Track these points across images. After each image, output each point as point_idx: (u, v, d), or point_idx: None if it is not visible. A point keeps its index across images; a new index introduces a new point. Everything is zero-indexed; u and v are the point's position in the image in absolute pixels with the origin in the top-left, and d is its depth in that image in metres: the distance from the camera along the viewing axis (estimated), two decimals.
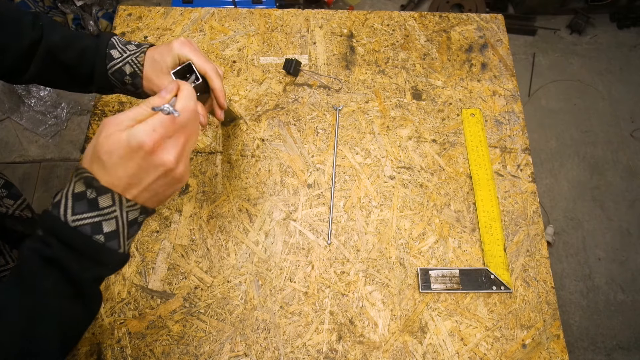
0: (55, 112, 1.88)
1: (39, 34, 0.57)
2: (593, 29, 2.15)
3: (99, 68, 0.58)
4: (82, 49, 0.58)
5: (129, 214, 0.40)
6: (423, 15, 0.95)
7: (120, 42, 0.59)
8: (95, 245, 0.38)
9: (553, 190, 1.84)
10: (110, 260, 0.40)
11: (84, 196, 0.38)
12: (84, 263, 0.38)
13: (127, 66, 0.57)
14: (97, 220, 0.38)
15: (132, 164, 0.37)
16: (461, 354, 0.69)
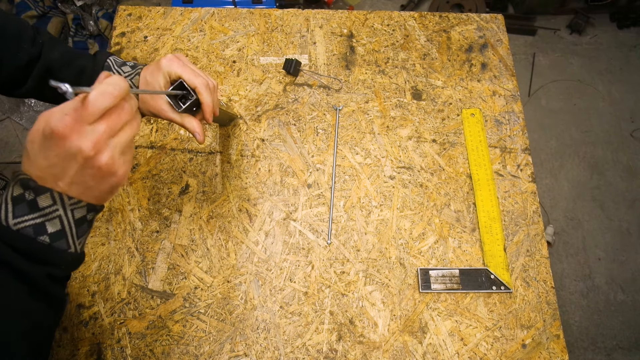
0: None
1: (38, 51, 0.58)
2: (593, 29, 2.15)
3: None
4: (79, 69, 0.60)
5: (75, 212, 0.39)
6: (423, 15, 0.95)
7: (116, 64, 0.61)
8: (41, 246, 0.38)
9: (553, 190, 1.84)
10: (60, 260, 0.39)
11: (23, 198, 0.37)
12: (34, 264, 0.38)
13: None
14: (40, 222, 0.37)
15: (50, 152, 0.36)
16: (461, 354, 0.69)
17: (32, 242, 0.37)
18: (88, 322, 0.70)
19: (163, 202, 0.78)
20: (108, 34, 1.93)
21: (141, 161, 0.81)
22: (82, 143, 0.36)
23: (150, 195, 0.79)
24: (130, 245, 0.75)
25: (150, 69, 0.58)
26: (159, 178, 0.80)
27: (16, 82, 0.59)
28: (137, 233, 0.76)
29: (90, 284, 0.73)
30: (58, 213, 0.38)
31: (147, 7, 0.95)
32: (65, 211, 0.38)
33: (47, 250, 0.38)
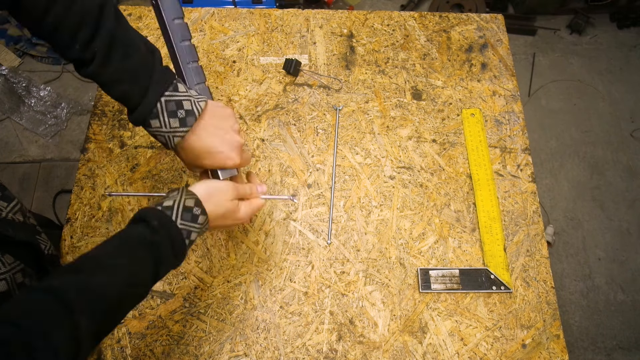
0: (55, 112, 1.88)
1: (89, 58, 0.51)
2: (593, 29, 2.15)
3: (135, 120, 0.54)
4: (124, 95, 0.53)
5: (201, 234, 0.55)
6: (423, 15, 0.95)
7: (165, 110, 0.53)
8: (184, 244, 0.51)
9: (553, 190, 1.84)
10: (182, 259, 0.52)
11: (191, 210, 0.52)
12: (172, 254, 0.50)
13: (161, 137, 0.55)
14: (191, 230, 0.52)
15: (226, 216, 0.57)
16: (461, 354, 0.69)
17: (182, 241, 0.51)
18: None
19: None
20: None
21: (141, 161, 0.81)
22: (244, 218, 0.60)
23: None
24: None
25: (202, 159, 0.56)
26: (159, 178, 0.80)
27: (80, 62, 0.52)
28: None
29: None
30: (200, 231, 0.53)
31: (147, 7, 0.95)
32: (201, 232, 0.54)
33: (185, 250, 0.52)
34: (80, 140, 1.88)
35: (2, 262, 0.54)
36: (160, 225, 0.49)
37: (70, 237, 0.76)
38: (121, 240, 0.48)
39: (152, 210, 0.50)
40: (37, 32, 0.51)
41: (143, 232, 0.49)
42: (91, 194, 0.79)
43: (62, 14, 0.48)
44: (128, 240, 0.48)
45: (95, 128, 0.84)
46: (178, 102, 0.53)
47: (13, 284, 0.55)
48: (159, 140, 0.55)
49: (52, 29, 0.49)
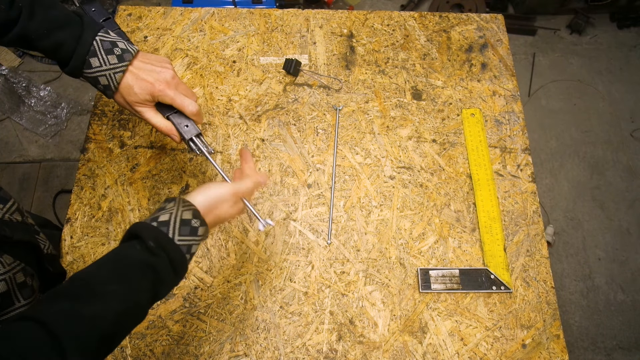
0: (55, 112, 1.88)
1: (15, 15, 0.53)
2: (593, 29, 2.15)
3: (73, 66, 0.56)
4: (58, 43, 0.55)
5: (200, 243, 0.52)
6: (423, 15, 0.95)
7: (102, 48, 0.56)
8: (185, 261, 0.49)
9: (553, 190, 1.84)
10: (183, 274, 0.50)
11: (189, 223, 0.49)
12: (172, 274, 0.48)
13: (103, 78, 0.57)
14: (191, 243, 0.50)
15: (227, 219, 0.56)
16: (461, 354, 0.69)
17: (182, 257, 0.48)
18: None
19: None
20: None
21: (141, 161, 0.81)
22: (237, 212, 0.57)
23: (150, 195, 0.79)
24: None
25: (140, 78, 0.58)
26: (159, 178, 0.80)
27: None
28: None
29: None
30: (200, 241, 0.51)
31: (147, 7, 0.95)
32: (202, 241, 0.52)
33: (185, 265, 0.49)
34: (80, 140, 1.88)
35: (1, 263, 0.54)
36: (157, 245, 0.46)
37: (70, 237, 0.76)
38: (116, 263, 0.46)
39: (148, 228, 0.47)
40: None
41: (139, 253, 0.46)
42: (91, 194, 0.79)
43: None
44: (123, 263, 0.46)
45: (95, 128, 0.84)
46: (112, 42, 0.57)
47: (13, 284, 0.55)
48: (100, 86, 0.57)
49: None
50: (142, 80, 0.58)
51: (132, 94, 0.58)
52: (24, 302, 0.55)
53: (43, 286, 0.62)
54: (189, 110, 0.60)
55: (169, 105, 0.60)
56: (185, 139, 0.61)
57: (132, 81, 0.58)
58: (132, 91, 0.58)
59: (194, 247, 0.50)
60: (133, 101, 0.59)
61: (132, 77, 0.58)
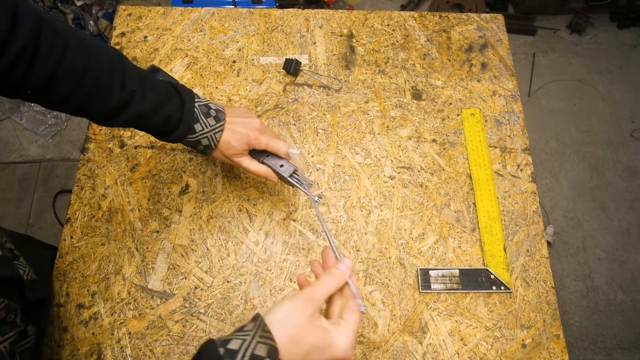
0: (55, 112, 1.88)
1: (128, 98, 0.54)
2: (593, 29, 2.15)
3: (178, 136, 0.60)
4: (166, 117, 0.58)
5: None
6: (423, 15, 0.95)
7: (202, 114, 0.61)
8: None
9: (553, 190, 1.84)
10: None
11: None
12: None
13: (205, 139, 0.62)
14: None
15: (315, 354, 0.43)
16: (461, 354, 0.69)
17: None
18: (88, 322, 0.70)
19: (163, 202, 0.78)
20: (108, 34, 1.93)
21: (141, 161, 0.81)
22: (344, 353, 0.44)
23: (150, 195, 0.79)
24: (130, 245, 0.75)
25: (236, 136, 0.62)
26: (159, 178, 0.80)
27: (103, 120, 0.56)
28: (137, 233, 0.76)
29: (90, 284, 0.73)
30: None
31: (147, 7, 0.95)
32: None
33: None
34: (80, 140, 1.88)
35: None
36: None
37: (70, 237, 0.76)
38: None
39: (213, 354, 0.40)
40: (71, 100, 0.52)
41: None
42: (91, 194, 0.79)
43: (98, 67, 0.51)
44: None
45: (95, 128, 0.84)
46: (206, 105, 0.62)
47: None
48: (201, 147, 0.62)
49: (92, 85, 0.51)
50: (238, 133, 0.62)
51: (231, 147, 0.63)
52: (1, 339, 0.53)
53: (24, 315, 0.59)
54: (283, 151, 0.65)
55: (262, 150, 0.65)
56: (285, 177, 0.65)
57: (229, 137, 0.62)
58: (230, 145, 0.62)
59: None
60: (232, 154, 0.63)
61: (228, 133, 0.62)
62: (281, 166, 0.66)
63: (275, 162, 0.66)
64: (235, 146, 0.63)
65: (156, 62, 0.89)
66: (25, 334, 0.57)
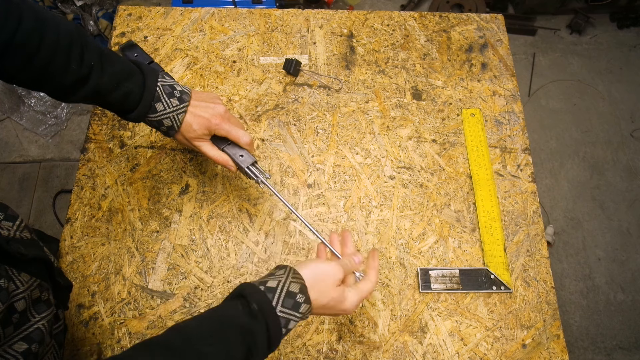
0: (55, 112, 1.88)
1: (87, 73, 0.55)
2: (593, 29, 2.15)
3: (139, 116, 0.60)
4: (126, 93, 0.58)
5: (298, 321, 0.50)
6: (423, 15, 0.95)
7: (164, 93, 0.60)
8: (280, 334, 0.48)
9: (553, 190, 1.84)
10: (275, 347, 0.49)
11: (294, 297, 0.48)
12: (267, 343, 0.47)
13: (167, 120, 0.61)
14: (290, 318, 0.48)
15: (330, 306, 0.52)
16: (461, 354, 0.69)
17: (279, 329, 0.48)
18: (88, 322, 0.70)
19: (163, 202, 0.78)
20: (108, 34, 1.93)
21: (141, 161, 0.81)
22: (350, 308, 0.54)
23: (150, 195, 0.79)
24: (130, 245, 0.75)
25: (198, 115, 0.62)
26: (159, 178, 0.80)
27: (61, 96, 0.57)
28: (137, 233, 0.76)
29: (90, 284, 0.73)
30: (299, 320, 0.49)
31: (147, 7, 0.95)
32: (301, 320, 0.50)
33: (279, 339, 0.48)
34: (80, 140, 1.88)
35: (20, 282, 0.53)
36: (259, 309, 0.46)
37: (71, 237, 0.76)
38: (217, 321, 0.46)
39: (254, 290, 0.48)
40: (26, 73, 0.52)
41: (241, 314, 0.46)
42: (91, 194, 0.79)
43: (55, 41, 0.52)
44: (223, 322, 0.46)
45: (95, 128, 0.84)
46: (171, 86, 0.61)
47: (29, 300, 0.54)
48: (163, 127, 0.61)
49: (48, 58, 0.52)
50: (200, 117, 0.62)
51: (192, 130, 0.62)
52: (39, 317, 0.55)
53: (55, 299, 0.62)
54: (244, 141, 0.64)
55: (223, 137, 0.65)
56: (242, 168, 0.65)
57: (191, 119, 0.62)
58: (191, 128, 0.62)
59: (291, 322, 0.48)
60: (192, 137, 0.63)
61: (191, 116, 0.62)
62: (241, 156, 0.65)
63: (236, 152, 0.65)
64: (196, 130, 0.62)
65: (156, 62, 0.89)
66: (57, 316, 0.59)
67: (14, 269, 0.53)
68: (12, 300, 0.51)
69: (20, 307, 0.52)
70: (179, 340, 0.43)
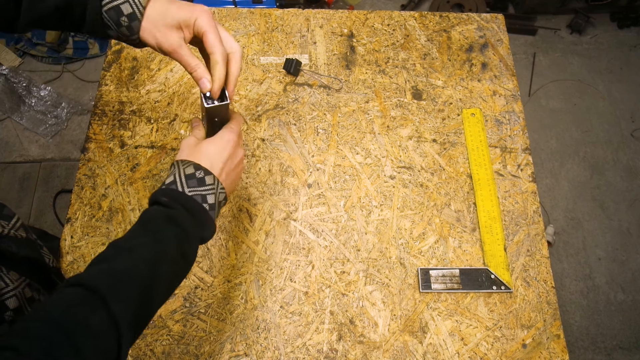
0: (56, 112, 1.88)
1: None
2: (593, 29, 2.15)
3: (92, 2, 0.50)
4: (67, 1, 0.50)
5: (220, 194, 0.54)
6: (423, 15, 0.95)
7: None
8: (204, 210, 0.50)
9: (553, 190, 1.84)
10: (209, 226, 0.51)
11: (194, 176, 0.51)
12: (194, 223, 0.49)
13: (126, 5, 0.50)
14: (204, 193, 0.51)
15: (225, 152, 0.55)
16: (461, 353, 0.69)
17: (199, 206, 0.50)
18: None
19: None
20: None
21: (141, 161, 0.81)
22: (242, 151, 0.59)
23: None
24: None
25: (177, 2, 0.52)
26: (159, 178, 0.80)
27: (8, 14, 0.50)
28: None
29: None
30: (214, 191, 0.52)
31: None
32: (216, 191, 0.53)
33: (206, 215, 0.51)
34: (81, 140, 1.88)
35: (9, 279, 0.53)
36: (170, 199, 0.49)
37: (71, 237, 0.76)
38: (139, 222, 0.49)
39: (159, 191, 0.51)
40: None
41: (157, 210, 0.49)
42: (91, 193, 0.79)
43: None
44: (145, 220, 0.49)
45: (95, 128, 0.84)
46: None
47: (23, 299, 0.55)
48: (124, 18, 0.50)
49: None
50: (179, 7, 0.51)
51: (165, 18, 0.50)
52: None
53: None
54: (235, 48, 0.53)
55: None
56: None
57: (165, 5, 0.51)
58: (167, 15, 0.50)
59: (209, 197, 0.51)
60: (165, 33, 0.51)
61: (165, 3, 0.51)
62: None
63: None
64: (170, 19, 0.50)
65: (156, 62, 0.89)
66: None
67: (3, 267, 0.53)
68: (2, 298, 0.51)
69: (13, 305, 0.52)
70: (111, 248, 0.46)
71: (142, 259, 0.45)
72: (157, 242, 0.46)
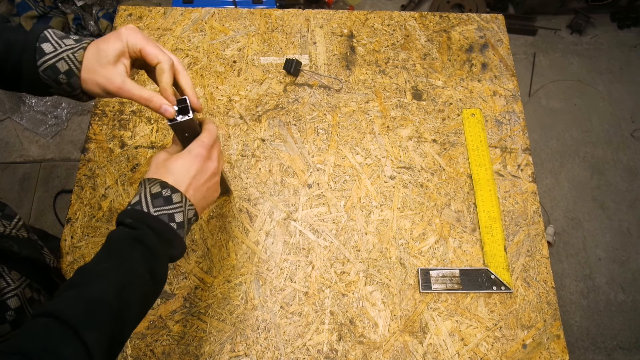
0: (56, 112, 1.88)
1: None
2: (593, 29, 2.15)
3: (27, 64, 0.50)
4: (8, 42, 0.50)
5: (189, 212, 0.52)
6: (423, 15, 0.95)
7: (55, 35, 0.51)
8: (171, 229, 0.49)
9: (553, 190, 1.84)
10: (178, 244, 0.50)
11: (160, 195, 0.49)
12: (161, 242, 0.49)
13: (62, 63, 0.50)
14: (172, 212, 0.50)
15: (199, 173, 0.53)
16: (461, 354, 0.69)
17: (166, 226, 0.49)
18: None
19: None
20: None
21: (142, 161, 0.81)
22: (213, 164, 0.55)
23: None
24: None
25: (105, 38, 0.51)
26: None
27: None
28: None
29: None
30: (182, 209, 0.51)
31: (148, 7, 0.95)
32: (185, 209, 0.51)
33: (174, 234, 0.50)
34: (81, 140, 1.88)
35: (10, 279, 0.53)
36: (134, 220, 0.48)
37: (71, 237, 0.76)
38: (105, 246, 0.48)
39: (124, 212, 0.50)
40: None
41: (123, 231, 0.48)
42: (91, 194, 0.79)
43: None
44: (110, 244, 0.48)
45: (95, 128, 0.84)
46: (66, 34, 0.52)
47: (24, 299, 0.55)
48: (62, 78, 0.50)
49: None
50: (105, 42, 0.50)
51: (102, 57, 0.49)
52: None
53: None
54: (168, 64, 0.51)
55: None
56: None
57: (94, 48, 0.50)
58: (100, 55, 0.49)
59: (177, 215, 0.50)
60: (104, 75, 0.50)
61: (94, 46, 0.50)
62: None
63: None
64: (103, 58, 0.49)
65: None
66: None
67: (5, 267, 0.53)
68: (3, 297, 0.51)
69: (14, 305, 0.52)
70: (79, 275, 0.45)
71: (110, 283, 0.44)
72: (124, 264, 0.46)
